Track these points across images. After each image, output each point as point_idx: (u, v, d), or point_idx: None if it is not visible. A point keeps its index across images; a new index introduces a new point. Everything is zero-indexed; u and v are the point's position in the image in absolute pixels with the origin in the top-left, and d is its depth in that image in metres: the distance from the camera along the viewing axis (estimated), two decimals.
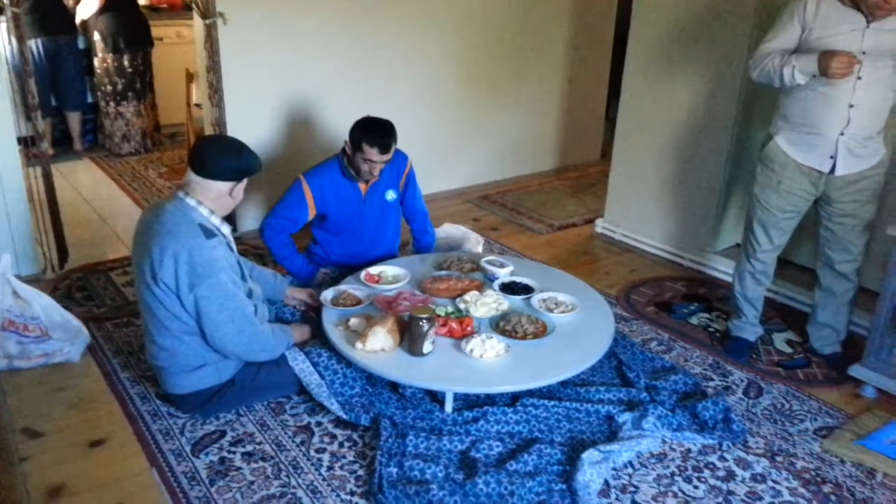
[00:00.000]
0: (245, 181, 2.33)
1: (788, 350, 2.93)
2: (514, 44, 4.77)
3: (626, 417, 2.34)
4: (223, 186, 2.25)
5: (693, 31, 3.47)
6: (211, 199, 2.26)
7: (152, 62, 5.46)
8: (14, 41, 3.19)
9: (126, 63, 5.21)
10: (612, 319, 2.63)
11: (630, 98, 3.86)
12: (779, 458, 2.28)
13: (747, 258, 2.80)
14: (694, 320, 3.15)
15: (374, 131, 2.85)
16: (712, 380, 2.70)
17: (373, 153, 2.84)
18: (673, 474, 2.19)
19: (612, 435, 2.29)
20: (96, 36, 5.16)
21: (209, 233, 2.21)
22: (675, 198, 3.74)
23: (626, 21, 3.87)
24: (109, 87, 5.25)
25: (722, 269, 3.55)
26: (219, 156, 2.25)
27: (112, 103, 5.30)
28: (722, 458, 2.26)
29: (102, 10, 5.08)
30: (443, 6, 4.35)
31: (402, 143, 3.20)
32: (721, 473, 2.20)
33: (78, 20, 5.22)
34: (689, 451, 2.29)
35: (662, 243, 3.84)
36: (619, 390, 2.49)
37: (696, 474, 2.19)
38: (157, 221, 2.21)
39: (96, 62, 5.25)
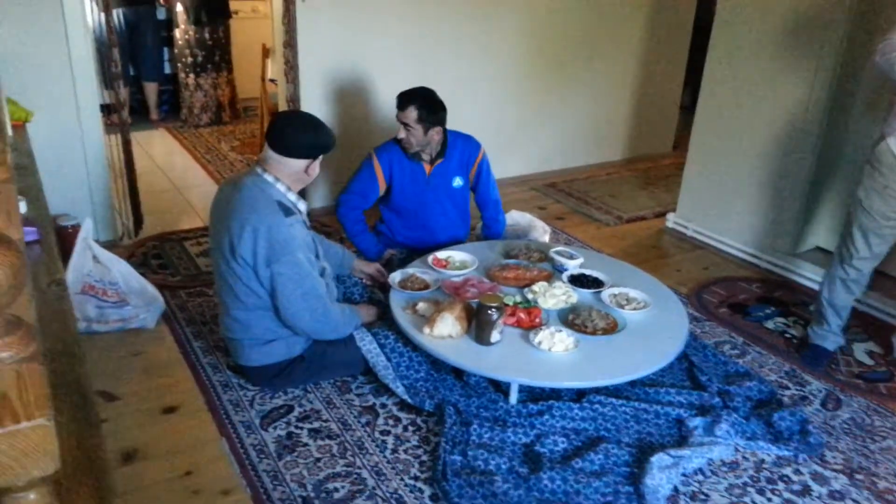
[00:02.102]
0: (320, 158, 2.34)
1: (870, 362, 2.80)
2: (587, 26, 4.65)
3: (697, 422, 2.27)
4: (300, 164, 2.27)
5: (783, 20, 3.31)
6: (287, 175, 2.28)
7: (229, 36, 5.55)
8: (100, 11, 3.27)
9: (206, 35, 5.31)
10: (686, 319, 2.55)
11: (711, 88, 3.72)
12: (859, 476, 2.17)
13: (841, 263, 2.66)
14: (770, 325, 3.03)
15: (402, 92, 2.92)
16: (788, 388, 2.60)
17: (397, 111, 2.88)
18: (745, 485, 2.11)
19: (683, 439, 2.23)
20: (178, 7, 5.26)
21: (287, 210, 2.22)
22: (754, 195, 3.60)
23: (707, 6, 3.72)
24: (190, 59, 5.36)
25: (802, 272, 3.41)
26: (295, 133, 2.26)
27: (192, 75, 5.41)
28: (797, 472, 2.18)
29: None
30: None
31: (468, 126, 3.18)
32: (796, 487, 2.12)
33: None
34: (762, 461, 2.21)
35: (738, 242, 3.70)
36: (691, 393, 2.42)
37: (769, 486, 2.12)
38: (237, 196, 2.23)
39: (178, 33, 5.36)
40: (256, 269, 2.20)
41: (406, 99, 2.88)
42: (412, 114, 2.86)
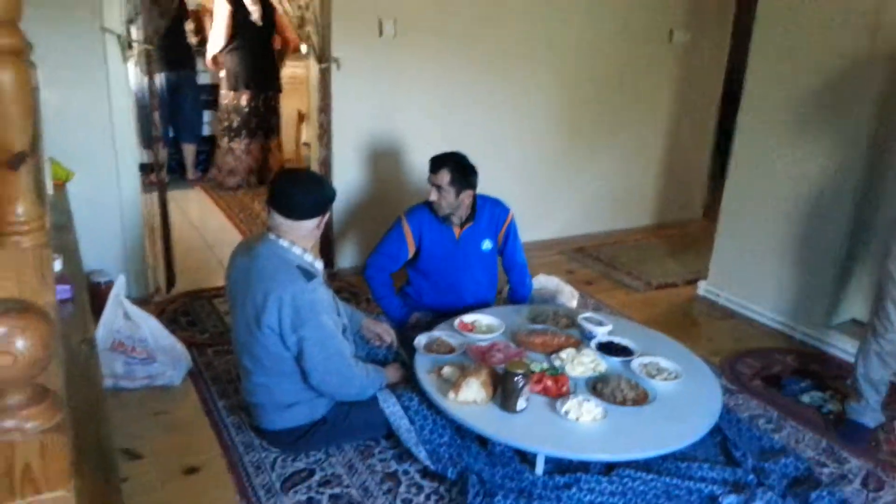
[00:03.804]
0: (329, 210, 2.37)
1: None
2: (617, 92, 4.70)
3: (731, 500, 2.18)
4: (312, 223, 2.29)
5: (817, 92, 3.31)
6: (301, 237, 2.29)
7: (276, 105, 5.65)
8: (143, 76, 3.40)
9: (244, 102, 5.45)
10: (720, 392, 2.49)
11: (741, 155, 3.71)
12: None
13: (875, 337, 2.59)
14: (806, 399, 2.93)
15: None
16: (826, 466, 2.49)
17: (430, 174, 2.93)
18: None
19: None
20: (222, 72, 5.44)
21: (308, 275, 2.23)
22: (788, 265, 3.54)
23: (736, 75, 3.75)
24: (226, 123, 5.51)
25: (838, 345, 3.31)
26: (303, 196, 2.25)
27: (226, 138, 5.55)
28: None
29: (229, 49, 5.31)
30: (546, 51, 4.34)
31: (496, 189, 3.20)
32: None
33: (208, 56, 5.44)
34: None
35: (772, 312, 3.62)
36: (724, 469, 2.33)
37: None
38: (255, 266, 2.24)
39: (221, 95, 5.52)
40: (283, 336, 2.20)
41: (439, 162, 2.92)
42: (445, 177, 2.90)
